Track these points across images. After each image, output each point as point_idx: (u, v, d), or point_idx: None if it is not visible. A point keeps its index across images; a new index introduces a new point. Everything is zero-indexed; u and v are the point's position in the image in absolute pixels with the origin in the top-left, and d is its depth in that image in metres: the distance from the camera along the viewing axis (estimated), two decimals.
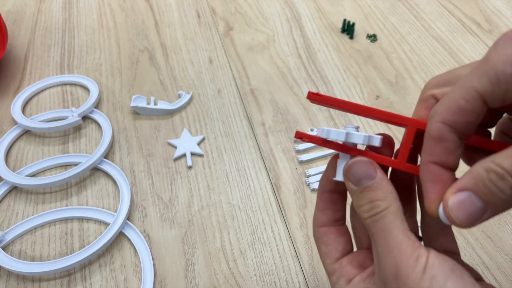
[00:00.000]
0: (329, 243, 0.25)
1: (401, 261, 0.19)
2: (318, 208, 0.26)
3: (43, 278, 0.38)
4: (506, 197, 0.17)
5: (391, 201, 0.21)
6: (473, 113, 0.19)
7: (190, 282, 0.37)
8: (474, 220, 0.18)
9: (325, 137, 0.23)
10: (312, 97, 0.23)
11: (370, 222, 0.21)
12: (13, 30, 0.61)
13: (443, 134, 0.20)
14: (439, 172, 0.20)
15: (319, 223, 0.26)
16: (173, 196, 0.43)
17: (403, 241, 0.20)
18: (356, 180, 0.22)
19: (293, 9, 0.65)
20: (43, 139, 0.48)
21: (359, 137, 0.22)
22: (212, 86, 0.54)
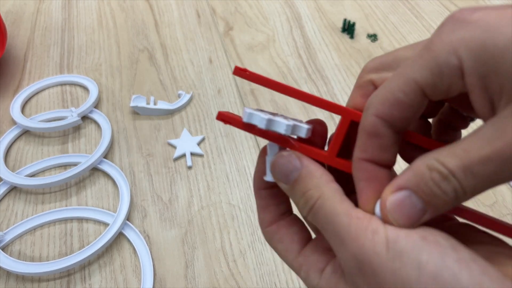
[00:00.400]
0: (283, 238, 0.22)
1: (357, 247, 0.16)
2: (259, 206, 0.23)
3: (43, 279, 0.37)
4: (448, 199, 0.16)
5: (323, 186, 0.19)
6: (411, 107, 0.17)
7: (190, 283, 0.37)
8: (414, 222, 0.17)
9: (246, 120, 0.19)
10: (239, 73, 0.20)
11: (312, 217, 0.19)
12: (13, 30, 0.61)
13: (378, 129, 0.18)
14: (373, 170, 0.19)
15: (265, 223, 0.23)
16: (173, 196, 0.43)
17: (350, 224, 0.17)
18: (284, 177, 0.20)
19: (293, 9, 0.65)
20: (42, 139, 0.48)
21: (281, 125, 0.19)
22: (212, 86, 0.54)
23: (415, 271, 0.15)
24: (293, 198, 0.20)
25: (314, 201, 0.18)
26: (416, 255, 0.15)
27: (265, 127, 0.19)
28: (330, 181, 0.19)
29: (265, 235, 0.23)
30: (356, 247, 0.16)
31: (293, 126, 0.19)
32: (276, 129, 0.19)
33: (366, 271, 0.16)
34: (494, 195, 0.43)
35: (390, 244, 0.16)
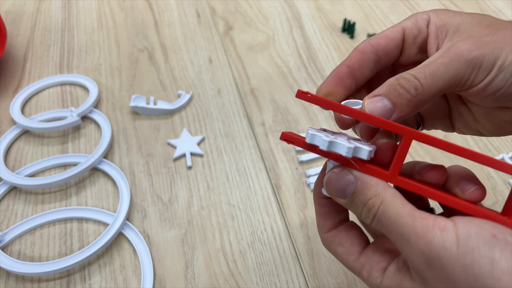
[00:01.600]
0: (343, 241, 0.24)
1: (424, 244, 0.18)
2: (319, 214, 0.25)
3: (43, 279, 0.37)
4: (410, 97, 0.22)
5: (382, 193, 0.20)
6: (393, 40, 0.26)
7: (190, 283, 0.37)
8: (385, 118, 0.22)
9: (309, 141, 0.21)
10: (301, 96, 0.22)
11: (376, 224, 0.21)
12: (12, 30, 0.61)
13: (365, 49, 0.25)
14: (345, 73, 0.25)
15: (324, 229, 0.24)
16: (172, 196, 0.43)
17: (416, 223, 0.18)
18: (340, 193, 0.22)
19: (293, 9, 0.65)
20: (42, 139, 0.48)
21: (342, 148, 0.20)
22: (212, 86, 0.54)
23: (488, 266, 0.16)
24: (353, 210, 0.22)
25: (377, 208, 0.20)
26: (488, 251, 0.16)
27: (327, 149, 0.21)
28: (387, 186, 0.21)
29: (324, 240, 0.25)
30: (424, 244, 0.18)
31: (355, 148, 0.20)
32: (337, 150, 0.21)
33: (435, 265, 0.17)
34: (494, 195, 0.43)
35: (461, 241, 0.17)
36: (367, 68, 0.26)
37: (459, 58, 0.22)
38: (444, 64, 0.22)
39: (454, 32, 0.24)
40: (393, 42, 0.26)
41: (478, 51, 0.22)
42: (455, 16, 0.25)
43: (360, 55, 0.25)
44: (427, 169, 0.22)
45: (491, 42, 0.22)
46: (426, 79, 0.22)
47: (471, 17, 0.24)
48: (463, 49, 0.22)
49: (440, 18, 0.25)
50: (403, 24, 0.26)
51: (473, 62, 0.22)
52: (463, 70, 0.22)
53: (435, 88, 0.22)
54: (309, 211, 0.41)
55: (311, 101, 0.22)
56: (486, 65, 0.22)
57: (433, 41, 0.25)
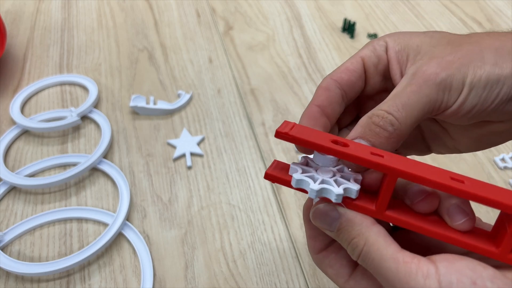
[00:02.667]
0: (333, 263, 0.24)
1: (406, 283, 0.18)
2: (309, 236, 0.25)
3: (42, 279, 0.37)
4: (388, 134, 0.21)
5: (366, 232, 0.20)
6: (354, 72, 0.25)
7: (189, 283, 0.37)
8: None
9: (295, 186, 0.21)
10: (281, 136, 0.21)
11: (361, 262, 0.21)
12: (12, 30, 0.61)
13: (329, 86, 0.25)
14: (317, 113, 0.25)
15: (315, 250, 0.25)
16: (172, 196, 0.43)
17: (399, 269, 0.18)
18: (326, 226, 0.22)
19: (293, 9, 0.65)
20: (42, 139, 0.48)
21: (332, 195, 0.20)
22: (212, 85, 0.54)
23: None
24: (341, 243, 0.22)
25: (360, 249, 0.20)
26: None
27: (315, 197, 0.21)
28: (371, 224, 0.21)
29: (315, 261, 0.25)
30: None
31: (344, 190, 0.21)
32: (327, 196, 0.21)
33: None
34: None
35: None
36: (336, 104, 0.25)
37: (428, 83, 0.21)
38: (414, 92, 0.21)
39: (415, 55, 0.24)
40: (355, 74, 0.25)
41: (444, 73, 0.21)
42: (413, 38, 0.24)
43: (327, 93, 0.25)
44: (419, 198, 0.21)
45: (456, 60, 0.22)
46: (399, 111, 0.21)
47: (429, 37, 0.24)
48: (430, 72, 0.22)
49: (397, 43, 0.25)
50: (361, 54, 0.25)
51: (442, 85, 0.21)
52: (434, 94, 0.21)
53: (411, 118, 0.21)
54: None
55: (292, 141, 0.21)
56: (456, 86, 0.21)
57: (395, 67, 0.24)
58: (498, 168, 0.45)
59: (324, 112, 0.25)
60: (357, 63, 0.25)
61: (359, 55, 0.26)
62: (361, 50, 0.26)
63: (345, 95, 0.26)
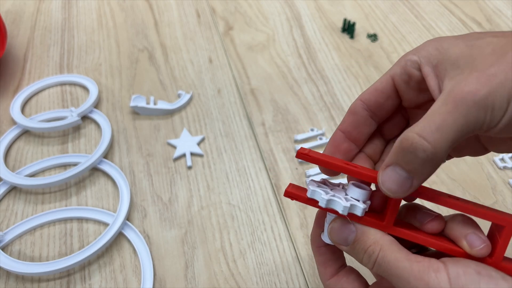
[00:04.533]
0: (344, 286, 0.25)
1: (424, 285, 0.20)
2: (319, 263, 0.27)
3: (43, 279, 0.37)
4: (421, 160, 0.20)
5: (380, 240, 0.22)
6: (383, 93, 0.24)
7: (190, 283, 0.37)
8: (405, 190, 0.21)
9: (310, 196, 0.23)
10: (302, 156, 0.23)
11: (377, 268, 0.22)
12: (13, 30, 0.61)
13: (357, 108, 0.25)
14: (340, 139, 0.25)
15: (327, 276, 0.26)
16: (172, 196, 0.43)
17: (413, 267, 0.20)
18: (343, 241, 0.24)
19: (293, 9, 0.65)
20: (42, 139, 0.48)
21: (339, 206, 0.23)
22: (212, 86, 0.54)
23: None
24: (355, 256, 0.24)
25: (377, 254, 0.22)
26: (475, 286, 0.19)
27: (325, 206, 0.23)
28: (384, 234, 0.23)
29: (327, 287, 0.26)
30: (422, 285, 0.20)
31: (350, 206, 0.23)
32: (334, 207, 0.23)
33: None
34: (494, 195, 0.43)
35: (452, 280, 0.19)
36: (364, 126, 0.25)
37: (466, 101, 0.19)
38: (450, 113, 0.19)
39: (453, 69, 0.21)
40: (383, 95, 0.24)
41: (485, 89, 0.19)
42: (451, 48, 0.22)
43: (353, 117, 0.25)
44: (427, 219, 0.23)
45: (499, 73, 0.19)
46: (433, 134, 0.19)
47: (470, 47, 0.21)
48: (468, 90, 0.19)
49: (433, 56, 0.22)
50: (392, 72, 0.24)
51: (482, 103, 0.19)
52: (474, 115, 0.19)
53: (447, 142, 0.19)
54: (309, 211, 0.41)
55: (312, 161, 0.23)
56: (499, 104, 0.19)
57: (433, 83, 0.22)
58: (497, 168, 0.45)
59: (349, 137, 0.25)
60: (386, 83, 0.24)
61: (389, 73, 0.25)
62: (392, 67, 0.25)
63: (374, 116, 0.25)
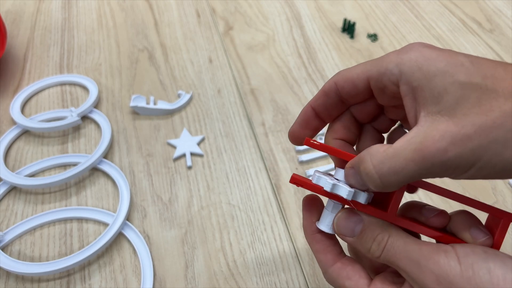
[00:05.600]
0: (351, 275, 0.24)
1: (433, 264, 0.20)
2: (318, 251, 0.26)
3: (43, 279, 0.37)
4: (373, 186, 0.22)
5: (388, 228, 0.23)
6: (356, 87, 0.24)
7: (190, 283, 0.37)
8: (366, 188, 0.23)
9: (315, 182, 0.24)
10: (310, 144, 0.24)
11: (384, 255, 0.23)
12: (12, 30, 0.61)
13: (330, 91, 0.25)
14: (311, 115, 0.26)
15: (328, 263, 0.25)
16: (172, 196, 0.43)
17: (422, 249, 0.21)
18: (349, 231, 0.24)
19: (293, 9, 0.65)
20: (42, 139, 0.48)
21: (343, 191, 0.23)
22: (212, 86, 0.54)
23: (486, 276, 0.19)
24: (363, 245, 0.24)
25: (386, 240, 0.23)
26: (484, 263, 0.20)
27: (330, 190, 0.23)
28: (390, 223, 0.24)
29: (330, 275, 0.25)
30: (433, 265, 0.20)
31: (355, 192, 0.23)
32: (339, 193, 0.23)
33: (444, 282, 0.20)
34: (494, 195, 0.43)
35: (461, 259, 0.20)
36: (334, 109, 0.26)
37: (433, 159, 0.19)
38: (413, 162, 0.19)
39: (434, 104, 0.20)
40: (357, 89, 0.24)
41: (455, 151, 0.19)
42: (438, 78, 0.20)
43: (324, 98, 0.25)
44: (432, 214, 0.24)
45: (475, 136, 0.18)
46: (388, 175, 0.20)
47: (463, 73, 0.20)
48: (438, 147, 0.19)
49: (416, 78, 0.21)
50: (370, 73, 0.23)
51: (448, 163, 0.19)
52: (436, 171, 0.20)
53: (398, 184, 0.20)
54: None
55: (319, 149, 0.24)
56: (463, 166, 0.19)
57: (409, 105, 0.21)
58: None
59: (318, 115, 0.26)
60: (362, 81, 0.23)
61: (367, 72, 0.23)
62: (372, 65, 0.23)
63: (346, 101, 0.25)
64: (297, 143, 0.27)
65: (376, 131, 0.27)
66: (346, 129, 0.27)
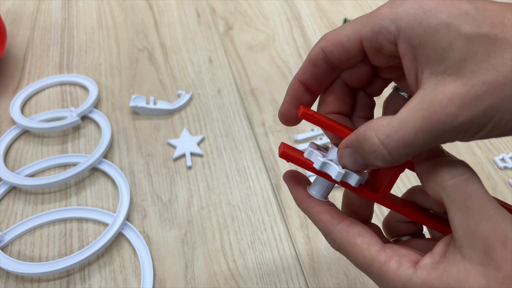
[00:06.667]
0: (362, 232, 0.21)
1: (506, 226, 0.18)
2: (319, 212, 0.23)
3: (42, 279, 0.37)
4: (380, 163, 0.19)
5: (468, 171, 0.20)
6: (348, 51, 0.21)
7: (189, 283, 0.37)
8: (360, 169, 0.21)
9: (306, 156, 0.23)
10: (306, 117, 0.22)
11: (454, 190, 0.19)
12: (12, 30, 0.61)
13: (318, 60, 0.22)
14: (300, 90, 0.23)
15: (335, 221, 0.22)
16: (172, 196, 0.43)
17: (498, 208, 0.18)
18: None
19: (293, 9, 0.65)
20: (42, 139, 0.48)
21: (333, 171, 0.21)
22: (212, 85, 0.54)
23: None
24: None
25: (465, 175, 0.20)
26: None
27: (319, 168, 0.22)
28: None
29: (339, 233, 0.22)
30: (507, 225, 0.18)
31: (345, 174, 0.21)
32: (328, 172, 0.22)
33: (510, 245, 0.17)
34: (494, 195, 0.42)
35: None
36: (324, 78, 0.23)
37: (443, 125, 0.18)
38: (422, 131, 0.18)
39: (438, 62, 0.18)
40: (348, 54, 0.21)
41: (466, 115, 0.17)
42: (442, 32, 0.18)
43: (312, 68, 0.22)
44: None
45: (486, 95, 0.17)
46: (398, 149, 0.18)
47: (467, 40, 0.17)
48: (448, 112, 0.17)
49: (416, 35, 0.18)
50: (362, 33, 0.20)
51: (459, 129, 0.18)
52: (446, 136, 0.18)
53: (409, 155, 0.19)
54: None
55: (317, 123, 0.22)
56: (474, 128, 0.18)
57: (409, 65, 0.19)
58: (498, 168, 0.45)
59: (309, 89, 0.23)
60: (353, 43, 0.21)
61: (358, 34, 0.20)
62: (363, 24, 0.20)
63: (336, 67, 0.22)
64: (290, 124, 0.24)
65: (369, 97, 0.25)
66: (340, 101, 0.24)
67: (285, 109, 0.24)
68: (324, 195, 0.23)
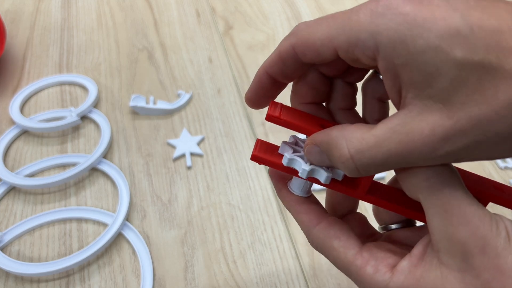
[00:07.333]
0: (339, 235, 0.21)
1: (485, 230, 0.17)
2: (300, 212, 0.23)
3: (42, 279, 0.37)
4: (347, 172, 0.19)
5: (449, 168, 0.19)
6: (320, 55, 0.19)
7: (189, 283, 0.37)
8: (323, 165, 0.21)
9: (280, 151, 0.22)
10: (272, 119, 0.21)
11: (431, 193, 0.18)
12: (12, 30, 0.61)
13: (287, 57, 0.20)
14: (268, 82, 0.22)
15: (313, 222, 0.22)
16: (172, 196, 0.43)
17: (477, 210, 0.17)
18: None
19: (293, 8, 0.65)
20: (41, 139, 0.48)
21: (299, 166, 0.21)
22: (212, 85, 0.53)
23: None
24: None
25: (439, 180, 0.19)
26: None
27: (286, 165, 0.21)
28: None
29: (316, 235, 0.22)
30: (484, 230, 0.17)
31: (311, 170, 0.21)
32: (296, 168, 0.21)
33: (489, 252, 0.16)
34: None
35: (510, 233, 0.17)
36: (294, 73, 0.21)
37: (419, 155, 0.17)
38: (397, 155, 0.17)
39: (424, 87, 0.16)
40: (321, 58, 0.19)
41: (445, 149, 0.17)
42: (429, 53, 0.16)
43: (282, 65, 0.21)
44: None
45: (471, 131, 0.16)
46: (368, 167, 0.18)
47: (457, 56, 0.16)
48: (427, 143, 0.17)
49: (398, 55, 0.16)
50: (337, 42, 0.18)
51: (434, 159, 0.17)
52: (420, 162, 0.18)
53: (377, 172, 0.18)
54: None
55: (283, 125, 0.21)
56: (450, 159, 0.17)
57: (391, 82, 0.18)
58: (498, 168, 0.45)
59: (277, 79, 0.22)
60: (328, 49, 0.19)
61: (332, 42, 0.18)
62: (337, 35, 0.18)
63: (308, 64, 0.21)
64: (257, 108, 0.24)
65: (348, 84, 0.23)
66: (314, 90, 0.23)
67: (250, 97, 0.23)
68: (304, 191, 0.23)
